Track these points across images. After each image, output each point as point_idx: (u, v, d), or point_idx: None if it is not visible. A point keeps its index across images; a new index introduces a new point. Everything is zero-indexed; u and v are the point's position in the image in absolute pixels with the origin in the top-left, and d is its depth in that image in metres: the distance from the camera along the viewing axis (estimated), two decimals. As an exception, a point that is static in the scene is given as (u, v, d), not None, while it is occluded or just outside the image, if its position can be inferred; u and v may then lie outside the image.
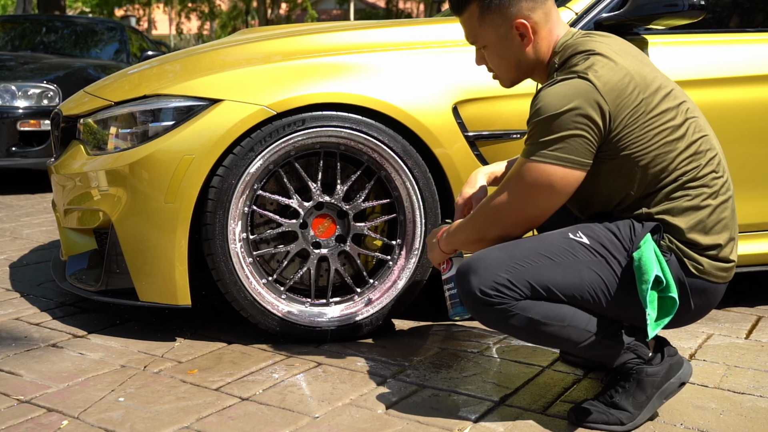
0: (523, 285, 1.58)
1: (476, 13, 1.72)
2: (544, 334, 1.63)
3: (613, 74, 1.59)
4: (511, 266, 1.59)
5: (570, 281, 1.61)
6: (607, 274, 1.62)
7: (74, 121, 2.42)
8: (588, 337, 1.64)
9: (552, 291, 1.60)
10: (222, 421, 1.73)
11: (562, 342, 1.66)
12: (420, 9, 35.33)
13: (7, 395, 1.86)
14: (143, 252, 2.15)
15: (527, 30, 1.68)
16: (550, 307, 1.61)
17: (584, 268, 1.61)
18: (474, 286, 1.59)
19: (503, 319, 1.61)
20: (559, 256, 1.62)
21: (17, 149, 5.12)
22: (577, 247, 1.63)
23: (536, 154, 1.58)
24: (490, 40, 1.73)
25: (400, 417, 1.75)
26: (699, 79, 2.35)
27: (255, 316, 2.20)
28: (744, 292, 2.75)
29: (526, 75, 1.77)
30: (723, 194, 1.67)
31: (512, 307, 1.59)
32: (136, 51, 7.15)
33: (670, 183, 1.63)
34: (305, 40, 2.40)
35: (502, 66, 1.76)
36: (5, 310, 2.56)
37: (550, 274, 1.60)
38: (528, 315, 1.60)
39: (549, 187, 1.59)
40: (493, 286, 1.58)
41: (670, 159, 1.62)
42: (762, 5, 2.79)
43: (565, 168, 1.57)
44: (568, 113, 1.55)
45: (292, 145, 2.15)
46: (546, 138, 1.57)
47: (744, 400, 1.85)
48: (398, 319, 2.45)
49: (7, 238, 3.69)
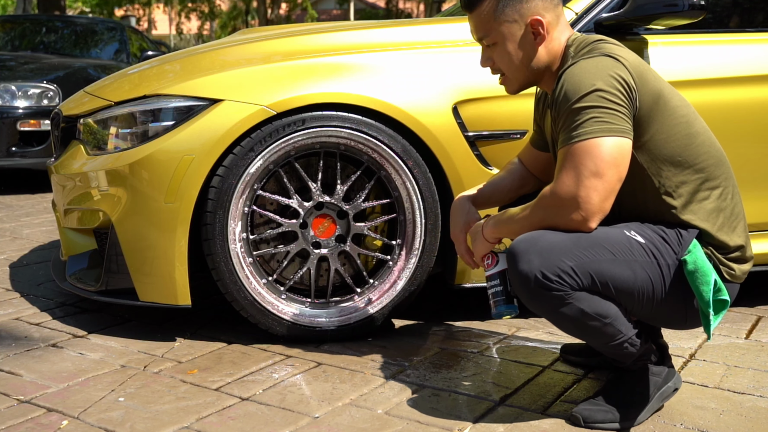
0: (585, 276, 1.56)
1: (492, 8, 1.70)
2: (585, 326, 1.62)
3: (634, 57, 1.63)
4: (577, 255, 1.56)
5: (626, 278, 1.59)
6: (656, 276, 1.62)
7: (74, 121, 2.42)
8: (619, 337, 1.64)
9: (608, 285, 1.58)
10: (222, 421, 1.73)
11: (595, 337, 1.65)
12: (420, 9, 35.32)
13: (7, 395, 1.86)
14: (143, 252, 2.15)
15: (542, 28, 1.69)
16: (601, 302, 1.60)
17: (638, 267, 1.60)
18: (535, 267, 1.55)
19: (557, 306, 1.58)
20: (621, 253, 1.60)
21: (17, 149, 5.12)
22: (634, 245, 1.62)
23: (584, 134, 1.54)
24: (503, 36, 1.71)
25: (400, 417, 1.75)
26: (699, 79, 2.34)
27: (255, 316, 2.20)
28: (744, 292, 2.74)
29: (535, 77, 1.75)
30: (735, 196, 1.71)
31: (568, 295, 1.56)
32: (136, 51, 7.15)
33: (692, 181, 1.65)
34: (305, 40, 2.40)
35: (513, 65, 1.74)
36: (5, 310, 2.56)
37: (610, 269, 1.58)
38: (580, 306, 1.58)
39: (609, 161, 1.53)
40: (556, 272, 1.55)
41: (689, 153, 1.64)
42: (762, 5, 2.79)
43: (617, 137, 1.54)
44: (600, 89, 1.55)
45: (292, 145, 2.15)
46: (587, 117, 1.55)
47: (744, 400, 1.85)
48: (398, 319, 2.45)
49: (7, 238, 3.69)
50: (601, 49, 1.63)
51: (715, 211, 1.66)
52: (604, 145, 1.53)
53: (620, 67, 1.58)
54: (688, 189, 1.65)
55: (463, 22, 2.40)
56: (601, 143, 1.53)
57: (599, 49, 1.63)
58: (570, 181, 1.54)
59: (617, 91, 1.56)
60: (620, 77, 1.57)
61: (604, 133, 1.54)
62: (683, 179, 1.65)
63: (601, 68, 1.57)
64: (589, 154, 1.53)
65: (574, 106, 1.56)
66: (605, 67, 1.57)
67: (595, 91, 1.55)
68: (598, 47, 1.64)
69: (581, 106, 1.55)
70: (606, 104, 1.54)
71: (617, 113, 1.55)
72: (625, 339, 1.64)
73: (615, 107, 1.55)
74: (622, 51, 1.64)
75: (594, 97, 1.55)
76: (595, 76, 1.56)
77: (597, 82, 1.55)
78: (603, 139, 1.53)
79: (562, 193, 1.56)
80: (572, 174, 1.54)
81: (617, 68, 1.58)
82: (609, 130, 1.54)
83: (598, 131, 1.54)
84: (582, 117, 1.55)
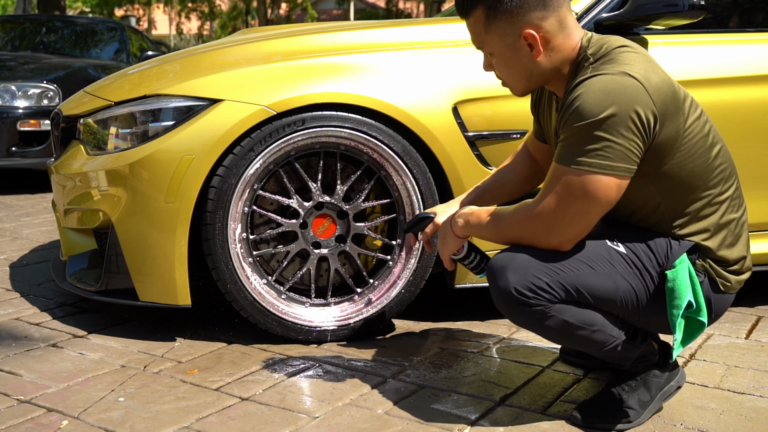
0: (561, 288, 1.54)
1: (482, 19, 1.59)
2: (573, 336, 1.61)
3: (658, 77, 1.50)
4: (551, 269, 1.54)
5: (605, 290, 1.58)
6: (639, 286, 1.60)
7: (74, 121, 2.42)
8: (612, 341, 1.64)
9: (586, 297, 1.57)
10: (222, 421, 1.73)
11: (587, 344, 1.65)
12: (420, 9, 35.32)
13: (7, 395, 1.86)
14: (143, 252, 2.15)
15: (536, 41, 1.55)
16: (583, 312, 1.59)
17: (619, 277, 1.58)
18: (510, 284, 1.53)
19: (538, 320, 1.57)
20: (600, 265, 1.57)
21: (17, 149, 5.12)
22: (614, 256, 1.59)
23: (583, 164, 1.47)
24: (496, 48, 1.61)
25: (400, 417, 1.75)
26: (699, 79, 2.34)
27: (255, 316, 2.20)
28: (744, 292, 2.74)
29: (539, 84, 1.66)
30: (742, 206, 1.67)
31: (548, 309, 1.55)
32: (136, 51, 7.15)
33: (699, 198, 1.59)
34: (305, 40, 2.40)
35: (512, 77, 1.65)
36: (5, 310, 2.55)
37: (588, 281, 1.56)
38: (562, 318, 1.57)
39: (597, 198, 1.48)
40: (530, 288, 1.53)
41: (705, 170, 1.57)
42: (762, 5, 2.79)
43: (615, 177, 1.47)
44: (615, 116, 1.44)
45: (292, 145, 2.15)
46: (592, 145, 1.45)
47: (744, 400, 1.85)
48: (398, 319, 2.45)
49: (7, 238, 3.69)
50: (623, 62, 1.49)
51: (719, 226, 1.62)
52: (600, 184, 1.47)
53: (641, 95, 1.45)
54: (696, 206, 1.61)
55: (463, 22, 2.40)
56: (597, 181, 1.46)
57: (621, 63, 1.49)
58: (555, 208, 1.51)
59: (632, 123, 1.44)
60: (638, 109, 1.45)
61: (605, 171, 1.46)
62: (693, 199, 1.60)
63: (621, 92, 1.44)
64: (583, 190, 1.47)
65: (584, 129, 1.46)
66: (626, 92, 1.44)
67: (608, 119, 1.44)
68: (620, 59, 1.50)
69: (591, 130, 1.45)
70: (615, 137, 1.44)
71: (625, 148, 1.45)
72: (617, 343, 1.64)
73: (624, 142, 1.45)
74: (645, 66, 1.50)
75: (606, 125, 1.44)
76: (613, 100, 1.44)
77: (613, 108, 1.44)
78: (601, 177, 1.46)
79: (543, 217, 1.53)
80: (560, 203, 1.50)
81: (638, 96, 1.45)
82: (610, 168, 1.46)
83: (598, 167, 1.46)
84: (588, 143, 1.46)
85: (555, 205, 1.51)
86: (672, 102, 1.51)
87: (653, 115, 1.47)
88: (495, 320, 2.43)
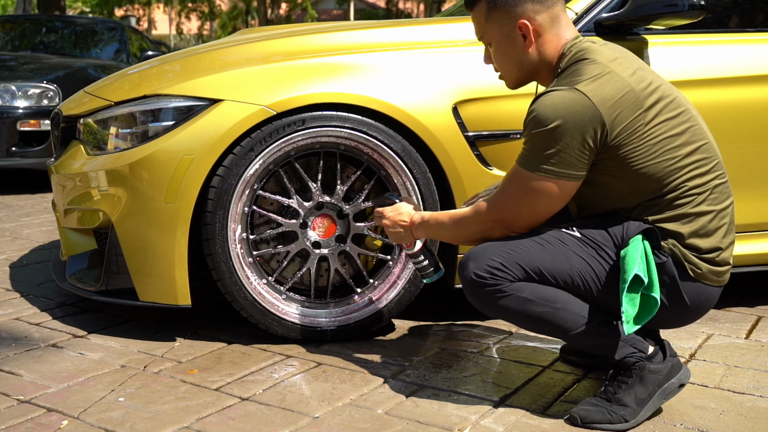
0: (515, 267, 1.66)
1: (484, 10, 1.77)
2: (536, 316, 1.68)
3: (611, 87, 1.61)
4: (504, 251, 1.67)
5: (559, 266, 1.67)
6: (596, 264, 1.67)
7: (74, 121, 2.42)
8: (582, 323, 1.68)
9: (543, 274, 1.66)
10: (222, 421, 1.73)
11: (555, 327, 1.69)
12: (420, 9, 35.32)
13: (7, 395, 1.86)
14: (143, 252, 2.15)
15: (528, 32, 1.72)
16: (544, 288, 1.67)
17: (573, 255, 1.67)
18: (470, 271, 1.68)
19: (496, 299, 1.67)
20: (549, 243, 1.69)
21: (17, 149, 5.12)
22: (567, 237, 1.70)
23: (532, 166, 1.63)
24: (494, 37, 1.77)
25: (400, 417, 1.75)
26: (699, 79, 2.34)
27: (255, 316, 2.20)
28: (744, 292, 2.75)
29: (530, 76, 1.80)
30: (725, 200, 1.71)
31: (506, 287, 1.66)
32: (136, 51, 7.15)
33: (672, 190, 1.65)
34: (305, 40, 2.40)
35: (506, 65, 1.80)
36: (5, 310, 2.55)
37: (540, 258, 1.67)
38: (521, 295, 1.66)
39: (544, 196, 1.65)
40: (486, 269, 1.66)
41: (672, 169, 1.64)
42: (762, 5, 2.79)
43: (559, 180, 1.63)
44: (561, 127, 1.58)
45: (292, 145, 2.15)
46: (541, 151, 1.62)
47: (744, 400, 1.85)
48: (398, 319, 2.45)
49: (7, 238, 3.69)
50: (579, 76, 1.62)
51: (692, 215, 1.66)
52: (547, 186, 1.63)
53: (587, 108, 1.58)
54: (669, 197, 1.66)
55: (462, 22, 2.40)
56: (545, 185, 1.63)
57: (578, 76, 1.62)
58: (507, 205, 1.69)
59: (578, 134, 1.58)
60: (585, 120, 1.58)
61: (553, 176, 1.62)
62: (665, 192, 1.65)
63: (568, 106, 1.58)
64: (533, 190, 1.64)
65: (537, 136, 1.62)
66: (572, 106, 1.58)
67: (556, 129, 1.59)
68: (579, 72, 1.63)
69: (542, 138, 1.61)
70: (562, 146, 1.59)
71: (571, 156, 1.60)
72: (588, 326, 1.67)
73: (570, 150, 1.59)
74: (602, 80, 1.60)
75: (555, 135, 1.59)
76: (560, 113, 1.59)
77: (559, 121, 1.58)
78: (548, 180, 1.62)
79: (496, 212, 1.71)
80: (512, 200, 1.68)
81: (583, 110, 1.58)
82: (557, 174, 1.62)
83: (546, 172, 1.62)
84: (540, 150, 1.62)
85: (509, 202, 1.69)
86: (628, 107, 1.61)
87: (600, 125, 1.59)
88: (495, 320, 2.43)
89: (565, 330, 1.70)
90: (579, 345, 1.77)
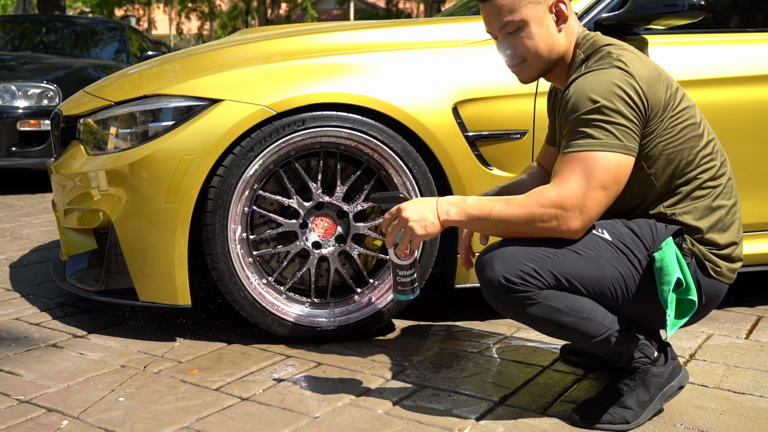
0: (548, 274, 1.59)
1: None
2: (562, 324, 1.63)
3: (646, 67, 1.62)
4: (537, 256, 1.59)
5: (592, 274, 1.62)
6: (626, 271, 1.64)
7: (74, 121, 2.42)
8: (604, 331, 1.65)
9: (573, 283, 1.61)
10: (222, 421, 1.73)
11: (578, 335, 1.66)
12: (420, 9, 35.32)
13: (7, 395, 1.86)
14: (143, 252, 2.15)
15: (562, 13, 1.69)
16: (573, 298, 1.62)
17: (606, 263, 1.63)
18: (497, 273, 1.58)
19: (524, 306, 1.60)
20: (584, 250, 1.62)
21: (17, 149, 5.12)
22: (600, 243, 1.64)
23: (592, 144, 1.56)
24: (528, 18, 1.67)
25: (400, 417, 1.75)
26: (699, 79, 2.34)
27: (255, 316, 2.20)
28: (744, 292, 2.75)
29: (550, 66, 1.73)
30: (735, 196, 1.73)
31: (536, 295, 1.59)
32: (136, 51, 7.14)
33: (691, 180, 1.66)
34: (305, 40, 2.40)
35: (536, 49, 1.70)
36: (5, 310, 2.56)
37: (574, 266, 1.60)
38: (550, 304, 1.60)
39: (612, 177, 1.56)
40: (518, 274, 1.58)
41: (693, 154, 1.66)
42: (762, 5, 2.79)
43: (626, 156, 1.57)
44: (610, 101, 1.56)
45: (292, 145, 2.15)
46: (600, 129, 1.56)
47: (744, 400, 1.85)
48: (398, 319, 2.45)
49: (7, 238, 3.69)
50: (611, 58, 1.62)
51: (709, 209, 1.67)
52: (613, 161, 1.56)
53: (630, 80, 1.58)
54: (688, 188, 1.67)
55: (463, 22, 2.41)
56: (610, 158, 1.56)
57: (609, 58, 1.62)
58: (578, 188, 1.56)
59: (626, 108, 1.56)
60: (629, 93, 1.57)
61: (614, 149, 1.56)
62: (684, 180, 1.67)
63: (611, 82, 1.57)
64: (601, 166, 1.55)
65: (583, 117, 1.57)
66: (615, 81, 1.57)
67: (603, 107, 1.56)
68: (609, 55, 1.63)
69: (590, 118, 1.56)
70: (615, 119, 1.56)
71: (625, 129, 1.56)
72: (610, 334, 1.65)
73: (623, 123, 1.56)
74: (632, 60, 1.62)
75: (603, 112, 1.56)
76: (605, 91, 1.57)
77: (606, 98, 1.56)
78: (612, 154, 1.56)
79: (567, 197, 1.56)
80: (582, 182, 1.56)
81: (626, 82, 1.57)
82: (617, 146, 1.56)
83: (608, 146, 1.56)
84: (590, 128, 1.56)
85: (579, 185, 1.55)
86: (662, 88, 1.62)
87: (643, 99, 1.58)
88: (495, 320, 2.43)
89: (588, 338, 1.66)
90: (594, 351, 1.73)
